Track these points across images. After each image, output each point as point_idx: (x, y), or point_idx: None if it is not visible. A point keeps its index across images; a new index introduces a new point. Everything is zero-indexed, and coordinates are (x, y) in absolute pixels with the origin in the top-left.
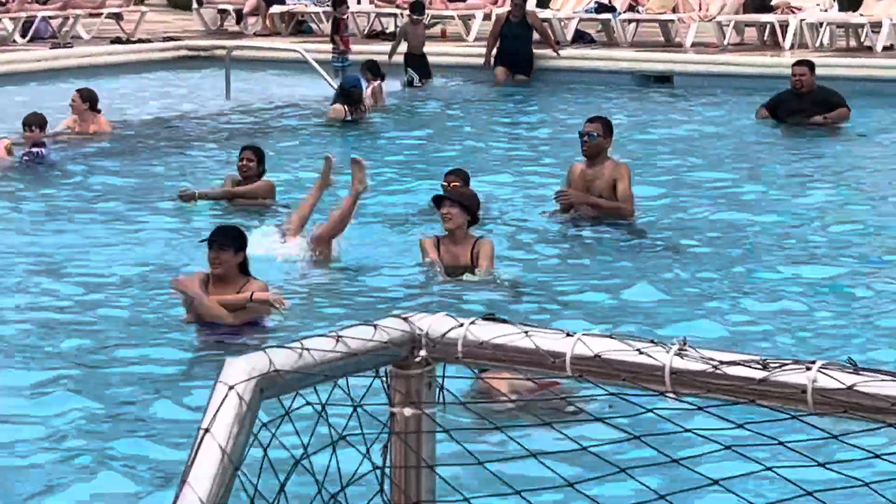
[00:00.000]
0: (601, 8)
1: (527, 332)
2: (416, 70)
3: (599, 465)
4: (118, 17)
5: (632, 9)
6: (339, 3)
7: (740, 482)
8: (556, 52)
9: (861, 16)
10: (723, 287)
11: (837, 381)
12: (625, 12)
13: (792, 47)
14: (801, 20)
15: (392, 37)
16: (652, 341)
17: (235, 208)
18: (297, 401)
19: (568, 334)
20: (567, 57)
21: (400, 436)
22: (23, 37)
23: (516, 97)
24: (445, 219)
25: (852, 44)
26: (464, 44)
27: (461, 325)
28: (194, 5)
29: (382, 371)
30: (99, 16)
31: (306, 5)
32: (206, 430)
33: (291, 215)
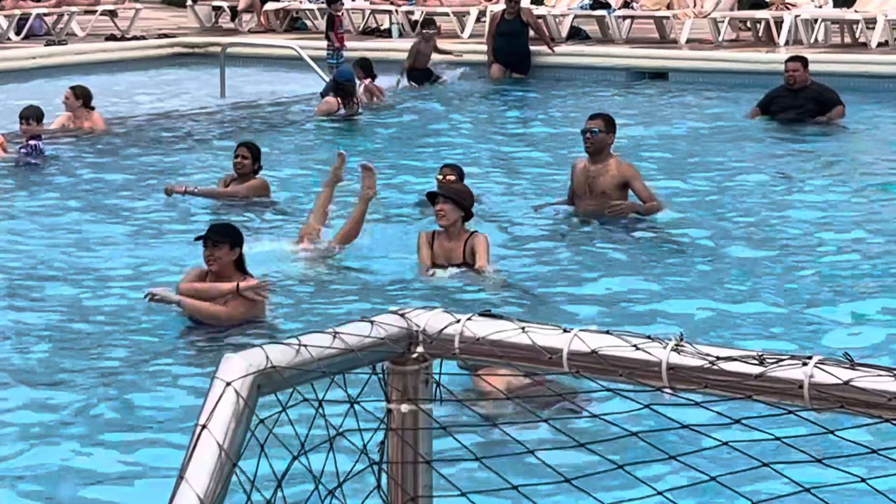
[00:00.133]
0: (596, 4)
1: (523, 329)
2: (415, 82)
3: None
4: (113, 14)
5: (627, 5)
6: (334, 0)
7: (738, 479)
8: (552, 49)
9: (856, 12)
10: (719, 283)
11: (834, 376)
12: (620, 9)
13: (787, 44)
14: (796, 16)
15: (387, 34)
16: (649, 337)
17: (231, 206)
18: (294, 397)
19: (565, 330)
20: (562, 53)
21: (397, 432)
22: (17, 34)
23: (511, 94)
24: (439, 215)
25: (847, 40)
26: (458, 40)
27: (458, 321)
28: (189, 2)
29: (379, 367)
30: (93, 13)
31: (301, 2)
32: (204, 427)
33: (308, 218)
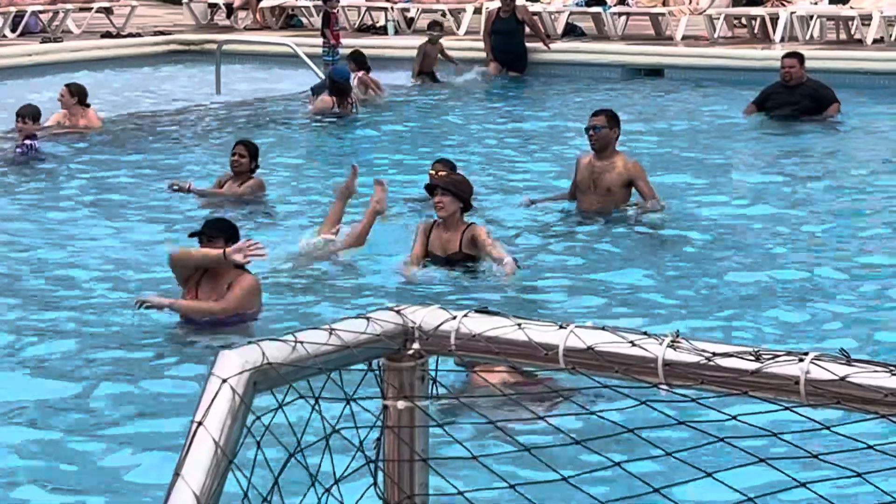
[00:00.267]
0: (592, 1)
1: (520, 325)
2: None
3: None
4: (108, 11)
5: (622, 2)
6: None
7: (734, 475)
8: (547, 46)
9: (851, 9)
10: (716, 279)
11: (830, 372)
12: (615, 5)
13: (782, 40)
14: (792, 13)
15: (383, 31)
16: (645, 333)
17: (228, 205)
18: (290, 394)
19: (561, 326)
20: (557, 50)
21: (393, 429)
22: (13, 31)
23: (506, 91)
24: (438, 207)
25: (842, 37)
26: (454, 37)
27: (454, 317)
28: (184, 0)
29: (375, 364)
30: (89, 10)
31: None
32: (200, 423)
33: (320, 232)
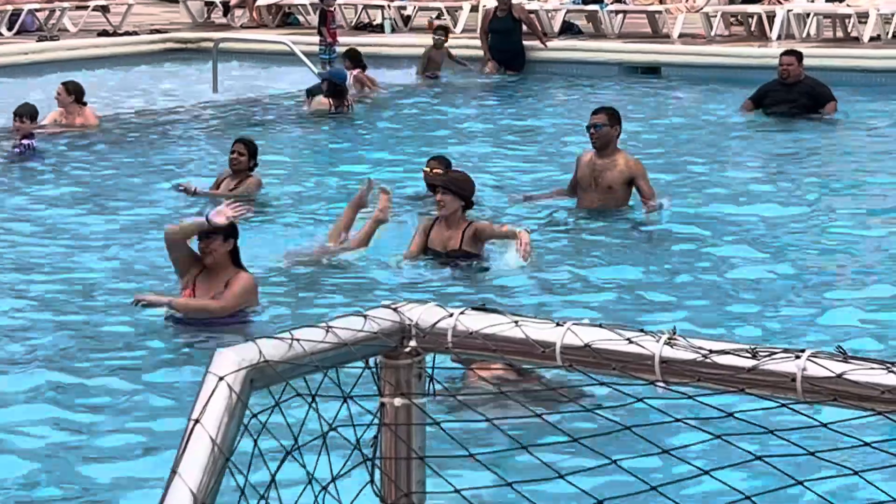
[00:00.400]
0: None
1: (516, 322)
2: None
3: (590, 455)
4: (105, 9)
5: (619, 0)
6: None
7: (731, 472)
8: (544, 44)
9: (848, 6)
10: (712, 276)
11: (827, 369)
12: (612, 3)
13: (779, 38)
14: (788, 11)
15: (380, 29)
16: (642, 330)
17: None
18: (287, 391)
19: (558, 324)
20: (554, 48)
21: (390, 427)
22: (9, 30)
23: (503, 89)
24: (439, 205)
25: (839, 34)
26: (452, 35)
27: (451, 315)
28: None
29: (372, 362)
30: (85, 8)
31: None
32: (197, 421)
33: (328, 239)
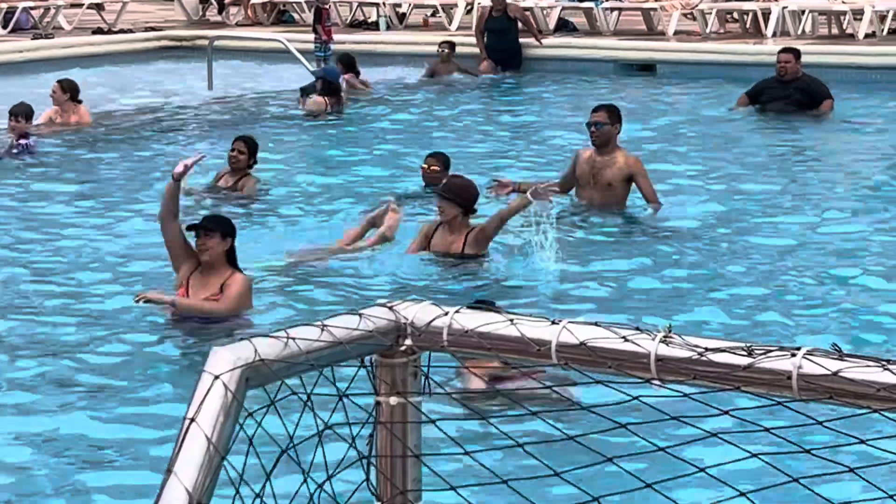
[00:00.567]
0: None
1: (512, 321)
2: None
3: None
4: (99, 7)
5: None
6: None
7: (726, 470)
8: (539, 42)
9: (843, 3)
10: (708, 273)
11: (822, 367)
12: (607, 0)
13: (774, 35)
14: (784, 8)
15: (375, 26)
16: (637, 329)
17: (221, 200)
18: (282, 390)
19: (553, 322)
20: (549, 46)
21: (385, 425)
22: (4, 28)
23: (499, 86)
24: (439, 211)
25: (834, 31)
26: (447, 33)
27: (446, 313)
28: None
29: (368, 360)
30: (80, 6)
31: None
32: (192, 420)
33: (331, 247)
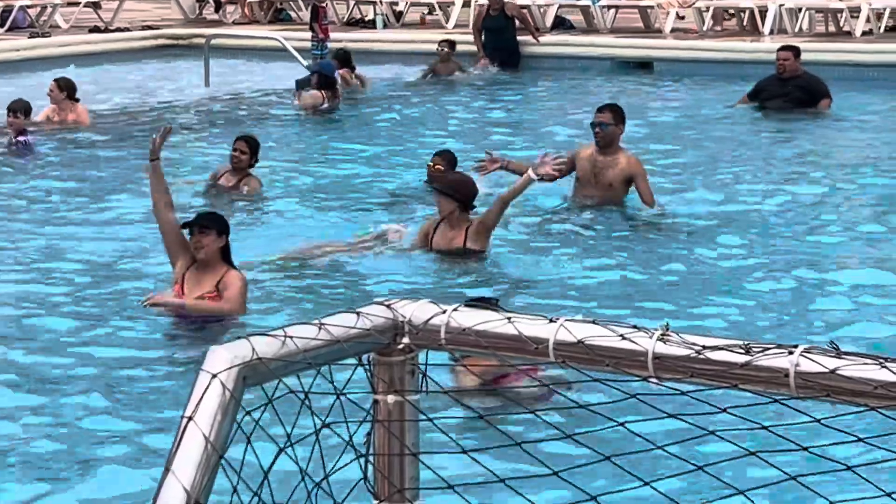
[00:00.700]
0: None
1: (509, 319)
2: None
3: (583, 452)
4: (96, 5)
5: None
6: None
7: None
8: (536, 39)
9: (840, 1)
10: (706, 272)
11: (820, 364)
12: None
13: (771, 32)
14: (780, 5)
15: (371, 24)
16: (635, 327)
17: (224, 199)
18: (279, 389)
19: (551, 320)
20: (546, 43)
21: (383, 423)
22: (0, 26)
23: (495, 84)
24: (438, 207)
25: (831, 29)
26: (443, 31)
27: (444, 311)
28: None
29: (365, 358)
30: (77, 4)
31: None
32: (190, 419)
33: (331, 244)
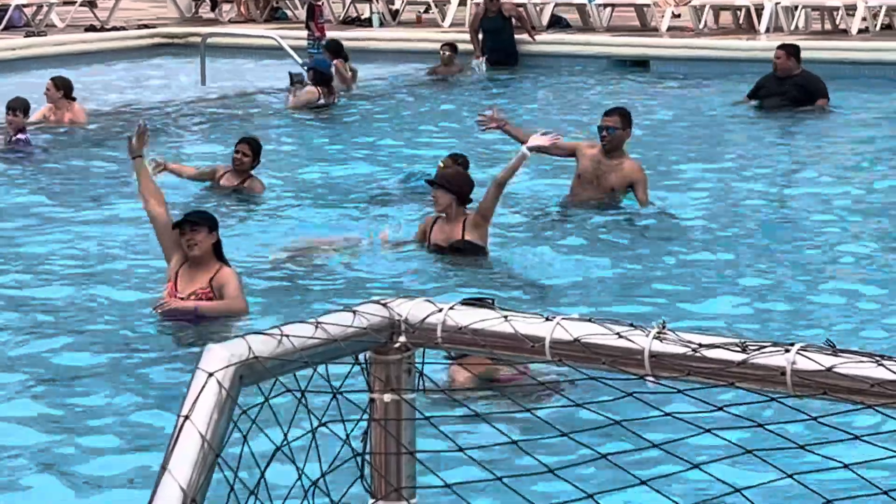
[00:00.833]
0: None
1: (506, 317)
2: None
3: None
4: (92, 4)
5: None
6: None
7: (721, 466)
8: (533, 38)
9: None
10: (702, 270)
11: (816, 362)
12: None
13: (767, 31)
14: (777, 3)
15: (368, 23)
16: (631, 325)
17: (213, 197)
18: (276, 388)
19: (547, 318)
20: (543, 42)
21: (380, 422)
22: None
23: (492, 83)
24: (434, 201)
25: (827, 27)
26: (440, 30)
27: (440, 310)
28: None
29: (362, 357)
30: (73, 4)
31: None
32: (186, 418)
33: (326, 242)
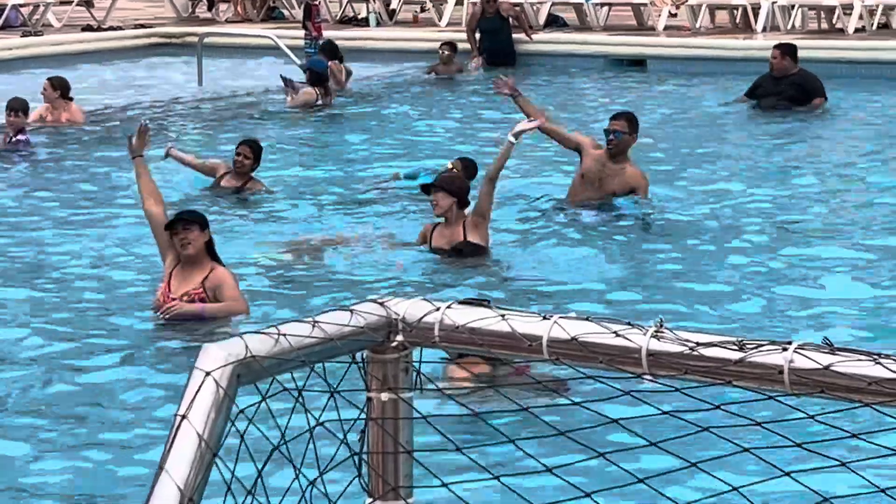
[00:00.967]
0: None
1: (503, 316)
2: None
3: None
4: (89, 4)
5: None
6: None
7: (718, 464)
8: (530, 38)
9: None
10: (700, 269)
11: (814, 361)
12: None
13: (764, 30)
14: (773, 3)
15: (364, 23)
16: (629, 323)
17: (210, 197)
18: (273, 387)
19: (544, 317)
20: (540, 41)
21: (377, 421)
22: None
23: (490, 83)
24: (433, 205)
25: (824, 26)
26: (436, 29)
27: (437, 309)
28: None
29: (359, 356)
30: (69, 3)
31: None
32: (184, 417)
33: (326, 241)
